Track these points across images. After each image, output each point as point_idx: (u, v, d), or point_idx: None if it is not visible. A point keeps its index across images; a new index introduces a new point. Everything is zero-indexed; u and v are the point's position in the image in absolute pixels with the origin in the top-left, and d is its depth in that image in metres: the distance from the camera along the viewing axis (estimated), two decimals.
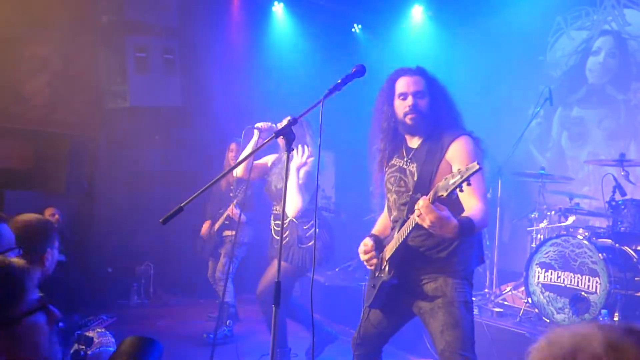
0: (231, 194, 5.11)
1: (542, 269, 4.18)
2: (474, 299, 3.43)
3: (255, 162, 3.97)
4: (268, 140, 2.21)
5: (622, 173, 4.05)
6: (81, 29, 5.43)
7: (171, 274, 6.51)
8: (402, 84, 2.50)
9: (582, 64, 6.36)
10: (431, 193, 2.14)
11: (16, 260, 1.29)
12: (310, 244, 3.76)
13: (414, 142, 2.56)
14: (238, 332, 5.00)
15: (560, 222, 4.75)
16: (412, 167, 2.50)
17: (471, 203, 2.30)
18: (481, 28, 7.07)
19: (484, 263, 2.58)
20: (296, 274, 3.90)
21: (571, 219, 4.68)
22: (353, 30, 7.79)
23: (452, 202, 2.31)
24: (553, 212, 4.91)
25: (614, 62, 6.10)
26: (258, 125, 3.79)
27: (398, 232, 2.42)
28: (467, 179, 2.00)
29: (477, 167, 1.98)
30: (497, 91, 6.97)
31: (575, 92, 6.39)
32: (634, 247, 4.08)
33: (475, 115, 2.56)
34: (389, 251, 2.47)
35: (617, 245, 4.10)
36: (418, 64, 2.61)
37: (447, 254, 2.41)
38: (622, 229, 4.09)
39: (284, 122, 3.48)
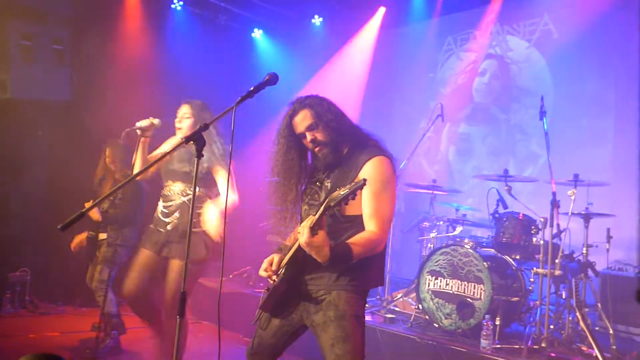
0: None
1: (432, 276, 4.40)
2: (367, 306, 3.54)
3: (151, 155, 3.63)
4: (177, 146, 2.12)
5: (506, 188, 4.37)
6: None
7: (50, 280, 6.04)
8: (296, 125, 2.50)
9: (469, 84, 6.81)
10: (320, 210, 2.15)
11: None
12: (201, 228, 3.42)
13: (331, 157, 2.54)
14: (125, 343, 4.73)
15: (448, 232, 5.03)
16: (328, 183, 2.51)
17: (368, 226, 2.33)
18: (377, 40, 7.34)
19: (382, 286, 2.61)
20: (195, 270, 3.49)
21: (458, 229, 4.98)
22: (253, 35, 7.77)
23: (357, 221, 2.37)
24: (442, 223, 5.20)
25: (497, 84, 6.60)
26: (139, 124, 3.48)
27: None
28: (354, 192, 2.05)
29: (362, 181, 2.05)
30: (391, 104, 7.29)
31: (463, 110, 6.83)
32: (513, 256, 4.42)
33: (370, 127, 2.60)
34: (285, 258, 2.45)
35: (498, 254, 4.43)
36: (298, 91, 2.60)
37: (344, 269, 2.40)
38: (504, 239, 4.42)
39: (147, 121, 3.40)
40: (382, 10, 7.26)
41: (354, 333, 2.36)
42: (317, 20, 7.66)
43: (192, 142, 2.13)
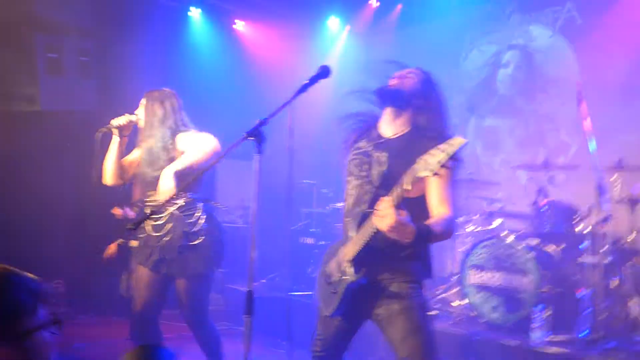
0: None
1: (475, 270, 4.33)
2: None
3: (127, 159, 3.43)
4: (239, 142, 2.08)
5: (546, 177, 4.31)
6: None
7: (83, 291, 6.04)
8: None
9: (493, 76, 6.74)
10: (396, 191, 2.05)
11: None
12: (198, 240, 3.14)
13: (389, 131, 2.47)
14: None
15: (486, 226, 4.96)
16: (382, 155, 2.39)
17: (439, 210, 2.25)
18: (397, 40, 7.30)
19: (431, 278, 2.54)
20: (203, 286, 3.29)
21: (496, 221, 4.91)
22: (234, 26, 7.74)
23: (420, 207, 2.29)
24: (477, 216, 5.13)
25: (521, 75, 6.52)
26: (116, 122, 3.26)
27: (358, 231, 2.31)
28: (454, 156, 1.90)
29: (463, 140, 1.90)
30: None
31: (488, 103, 6.75)
32: (557, 246, 4.34)
33: None
34: (349, 252, 2.33)
35: (542, 244, 4.36)
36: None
37: (405, 256, 2.33)
38: (547, 229, 4.34)
39: (124, 118, 3.23)
40: (399, 7, 7.21)
41: (424, 324, 2.30)
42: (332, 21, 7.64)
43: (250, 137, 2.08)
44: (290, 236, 6.12)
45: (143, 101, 3.35)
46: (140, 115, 3.32)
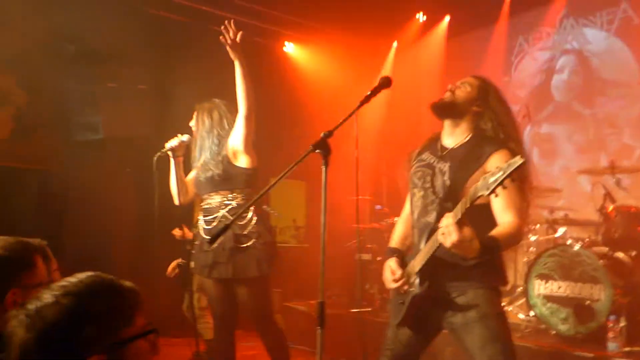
0: None
1: (542, 280, 4.19)
2: None
3: (188, 178, 3.49)
4: (306, 154, 2.09)
5: (613, 180, 4.15)
6: (47, 59, 5.18)
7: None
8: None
9: (547, 83, 6.59)
10: (458, 206, 2.05)
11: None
12: (249, 243, 3.14)
13: (450, 141, 2.48)
14: None
15: (549, 235, 4.81)
16: (444, 166, 2.39)
17: (505, 218, 2.22)
18: (446, 51, 7.24)
19: (505, 285, 2.49)
20: (261, 288, 3.26)
21: (560, 230, 4.75)
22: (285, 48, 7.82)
23: (485, 214, 2.25)
24: (538, 226, 4.97)
25: (578, 79, 6.34)
26: (170, 145, 3.37)
27: (426, 243, 2.34)
28: (510, 175, 1.90)
29: (520, 160, 1.89)
30: None
31: (543, 110, 6.59)
32: (628, 253, 4.16)
33: None
34: (417, 264, 2.34)
35: (611, 251, 4.18)
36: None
37: (476, 264, 2.25)
38: (616, 235, 4.17)
39: (176, 140, 3.30)
40: (446, 18, 7.17)
41: (502, 332, 2.25)
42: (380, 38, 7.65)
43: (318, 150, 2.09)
44: (346, 253, 6.09)
45: (195, 112, 3.45)
46: (192, 127, 3.42)
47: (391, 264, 2.44)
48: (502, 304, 4.65)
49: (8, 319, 1.09)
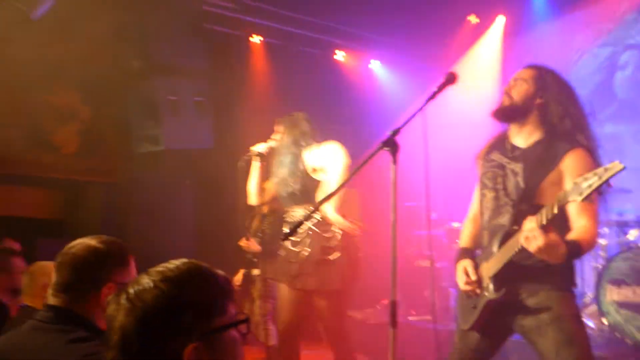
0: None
1: (614, 285, 4.00)
2: None
3: (266, 186, 3.68)
4: (375, 152, 2.08)
5: None
6: (110, 75, 5.37)
7: None
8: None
9: (609, 80, 6.34)
10: (544, 211, 2.00)
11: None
12: (336, 255, 3.21)
13: (520, 140, 2.41)
14: None
15: (620, 238, 4.59)
16: (517, 167, 2.33)
17: (581, 222, 2.15)
18: (501, 53, 7.08)
19: (574, 287, 2.38)
20: (340, 301, 3.31)
21: (632, 232, 4.53)
22: (370, 66, 7.82)
23: (560, 219, 2.16)
24: (607, 229, 4.76)
25: None
26: (257, 150, 3.51)
27: (500, 248, 2.26)
28: (606, 181, 1.84)
29: (620, 166, 1.84)
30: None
31: (606, 109, 6.34)
32: None
33: None
34: (492, 268, 2.28)
35: None
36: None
37: (546, 266, 2.18)
38: None
39: (264, 145, 3.45)
40: (501, 19, 7.02)
41: (578, 335, 2.17)
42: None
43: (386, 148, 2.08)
44: (405, 260, 6.00)
45: (277, 126, 3.53)
46: (276, 140, 3.52)
47: (467, 265, 2.38)
48: None
49: (108, 303, 1.12)
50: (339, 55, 7.46)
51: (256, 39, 6.60)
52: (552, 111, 2.35)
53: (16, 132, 5.13)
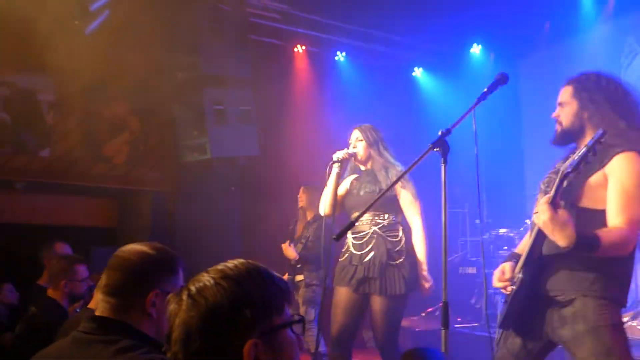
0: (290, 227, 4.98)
1: None
2: None
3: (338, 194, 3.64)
4: (425, 153, 2.09)
5: None
6: (158, 86, 5.53)
7: None
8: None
9: None
10: (556, 181, 2.04)
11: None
12: (400, 260, 3.26)
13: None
14: None
15: None
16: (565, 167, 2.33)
17: (614, 222, 2.09)
18: (545, 58, 6.96)
19: (623, 298, 2.26)
20: (400, 306, 3.33)
21: None
22: (413, 74, 7.80)
23: (597, 219, 2.13)
24: None
25: None
26: (337, 156, 3.48)
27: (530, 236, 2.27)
28: (594, 149, 1.93)
29: (600, 131, 1.94)
30: None
31: None
32: None
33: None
34: (522, 259, 2.26)
35: None
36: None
37: (589, 269, 2.14)
38: None
39: (344, 152, 3.41)
40: (546, 25, 6.90)
41: (616, 346, 2.08)
42: (476, 49, 7.50)
43: (436, 148, 2.09)
44: (449, 267, 5.92)
45: (357, 134, 3.56)
46: (359, 146, 3.54)
47: (505, 266, 2.36)
48: (625, 318, 4.34)
49: (167, 302, 1.14)
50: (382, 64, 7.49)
51: (300, 48, 6.73)
52: (602, 118, 2.28)
53: (74, 143, 5.35)
